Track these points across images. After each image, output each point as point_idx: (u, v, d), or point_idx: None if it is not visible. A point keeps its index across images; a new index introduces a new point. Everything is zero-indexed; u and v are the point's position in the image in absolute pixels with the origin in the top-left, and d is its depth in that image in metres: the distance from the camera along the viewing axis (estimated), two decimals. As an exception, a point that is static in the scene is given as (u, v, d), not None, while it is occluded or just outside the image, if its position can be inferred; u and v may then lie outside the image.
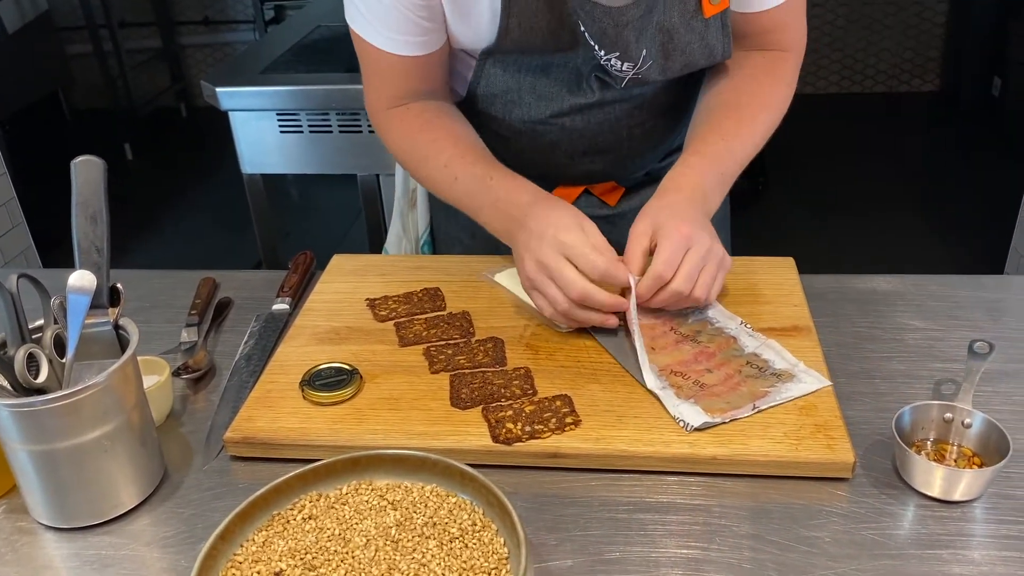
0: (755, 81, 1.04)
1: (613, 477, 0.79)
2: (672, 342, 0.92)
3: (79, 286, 0.74)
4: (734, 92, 1.04)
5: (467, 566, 0.66)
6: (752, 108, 1.02)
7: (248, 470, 0.83)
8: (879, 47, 4.56)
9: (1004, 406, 0.85)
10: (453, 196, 1.03)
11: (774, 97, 1.05)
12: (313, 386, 0.87)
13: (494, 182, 0.98)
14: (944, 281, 1.07)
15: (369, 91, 1.07)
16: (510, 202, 0.96)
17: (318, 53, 2.40)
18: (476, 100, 1.09)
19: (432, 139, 1.03)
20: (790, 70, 1.07)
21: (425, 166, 1.04)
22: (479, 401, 0.85)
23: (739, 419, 0.81)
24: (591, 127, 1.08)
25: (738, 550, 0.71)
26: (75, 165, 0.78)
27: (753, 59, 1.06)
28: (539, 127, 1.08)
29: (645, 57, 0.97)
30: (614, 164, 1.15)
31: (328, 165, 2.24)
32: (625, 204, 1.20)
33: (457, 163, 1.00)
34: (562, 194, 1.17)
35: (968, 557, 0.70)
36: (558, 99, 1.05)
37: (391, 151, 1.08)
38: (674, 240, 0.88)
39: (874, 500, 0.75)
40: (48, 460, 0.73)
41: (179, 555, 0.73)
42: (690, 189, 0.94)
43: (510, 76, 1.04)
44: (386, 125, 1.07)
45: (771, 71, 1.06)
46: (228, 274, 1.16)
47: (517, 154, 1.13)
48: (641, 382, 0.86)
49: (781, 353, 0.90)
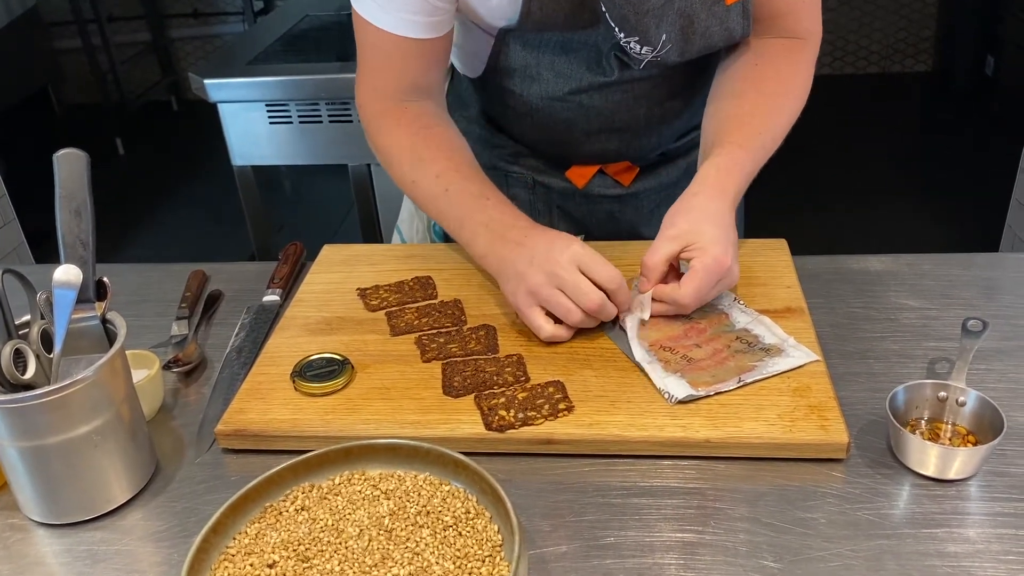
0: (776, 67, 1.02)
1: (607, 462, 0.79)
2: (663, 318, 0.92)
3: (64, 280, 0.73)
4: (757, 79, 1.02)
5: (461, 554, 0.66)
6: (778, 98, 1.01)
7: (240, 462, 0.82)
8: (871, 27, 4.55)
9: (998, 384, 0.85)
10: (436, 207, 1.00)
11: (796, 83, 1.03)
12: (304, 377, 0.86)
13: (490, 203, 0.96)
14: (938, 260, 1.06)
15: (364, 83, 1.05)
16: (505, 224, 0.94)
17: (307, 43, 2.38)
18: (493, 75, 1.07)
19: (427, 146, 1.01)
20: (808, 58, 1.05)
21: (413, 171, 1.01)
22: (471, 389, 0.85)
23: (724, 392, 0.81)
24: (609, 105, 1.07)
25: (733, 533, 0.71)
26: (57, 159, 0.77)
27: (772, 45, 1.04)
28: (556, 104, 1.07)
29: (664, 41, 0.96)
30: (629, 143, 1.14)
31: (319, 156, 2.23)
32: (639, 184, 1.19)
33: (452, 176, 0.99)
34: (577, 172, 1.17)
35: (963, 535, 0.69)
36: (577, 76, 1.04)
37: (377, 148, 1.06)
38: (711, 273, 0.87)
39: (869, 480, 0.75)
40: (38, 456, 0.72)
41: (172, 549, 0.73)
42: (731, 188, 0.92)
43: (529, 52, 1.03)
44: (378, 121, 1.05)
45: (790, 58, 1.04)
46: (218, 266, 1.15)
47: (533, 131, 1.13)
48: (629, 355, 0.86)
49: (772, 328, 0.90)
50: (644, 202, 1.19)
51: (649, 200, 1.19)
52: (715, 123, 1.00)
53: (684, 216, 0.90)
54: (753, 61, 1.03)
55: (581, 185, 1.17)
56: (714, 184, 0.92)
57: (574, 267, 0.87)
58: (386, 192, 2.31)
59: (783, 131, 1.00)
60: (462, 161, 1.01)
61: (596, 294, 0.86)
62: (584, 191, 1.17)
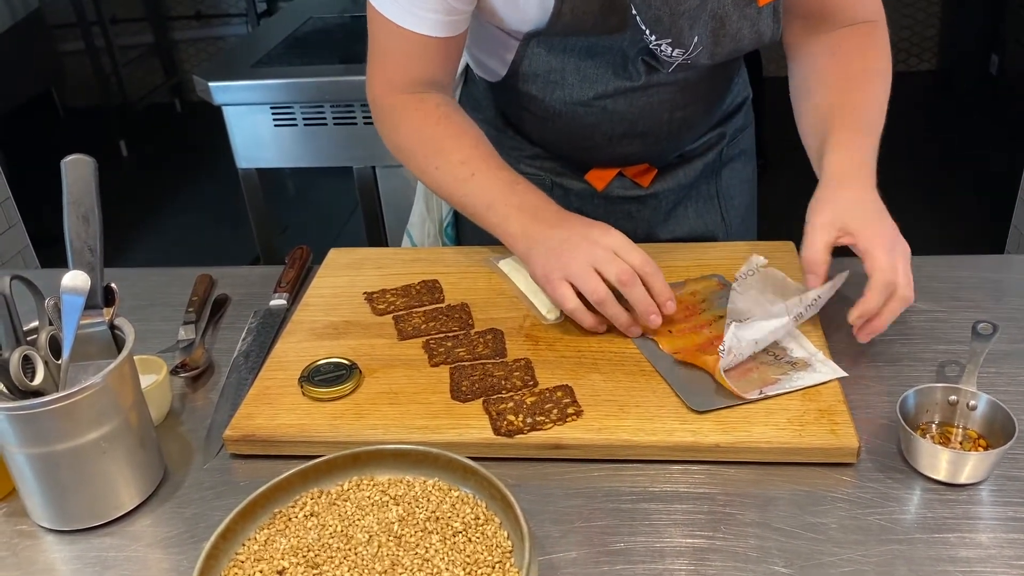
0: (852, 52, 1.01)
1: (616, 467, 0.78)
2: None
3: (73, 287, 0.73)
4: (838, 67, 1.01)
5: (471, 560, 0.66)
6: (866, 75, 1.00)
7: (248, 468, 0.82)
8: (875, 27, 4.53)
9: (1009, 387, 0.85)
10: (462, 191, 1.00)
11: (878, 59, 1.02)
12: (312, 382, 0.86)
13: (521, 187, 0.97)
14: (945, 262, 1.06)
15: (377, 75, 1.04)
16: (539, 207, 0.95)
17: (311, 45, 2.38)
18: (516, 80, 1.07)
19: (451, 134, 1.01)
20: (881, 36, 1.04)
21: (437, 158, 1.01)
22: (480, 393, 0.84)
23: (744, 403, 0.80)
24: (633, 110, 1.06)
25: (743, 538, 0.70)
26: (65, 164, 0.77)
27: (841, 35, 1.03)
28: (580, 109, 1.06)
29: (696, 44, 0.95)
30: (651, 146, 1.13)
31: (323, 158, 2.23)
32: (657, 185, 1.18)
33: (477, 163, 0.99)
34: (596, 175, 1.17)
35: (975, 540, 0.69)
36: (602, 81, 1.03)
37: (392, 137, 1.05)
38: (885, 245, 0.85)
39: (879, 485, 0.75)
40: (47, 463, 0.72)
41: (181, 555, 0.73)
42: (864, 172, 0.91)
43: (554, 57, 1.02)
44: (394, 112, 1.04)
45: (864, 40, 1.03)
46: (224, 271, 1.15)
47: (553, 135, 1.12)
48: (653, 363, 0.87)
49: (800, 340, 0.89)
50: (662, 202, 1.18)
51: (667, 200, 1.19)
52: (814, 119, 0.99)
53: (829, 206, 0.88)
54: (829, 53, 1.02)
55: (601, 188, 1.16)
56: (848, 173, 0.91)
57: (610, 249, 0.88)
58: (391, 195, 2.31)
59: (882, 105, 0.99)
60: (486, 149, 1.01)
61: (628, 270, 0.87)
62: (603, 193, 1.17)
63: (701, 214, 1.22)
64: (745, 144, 1.24)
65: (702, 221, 1.22)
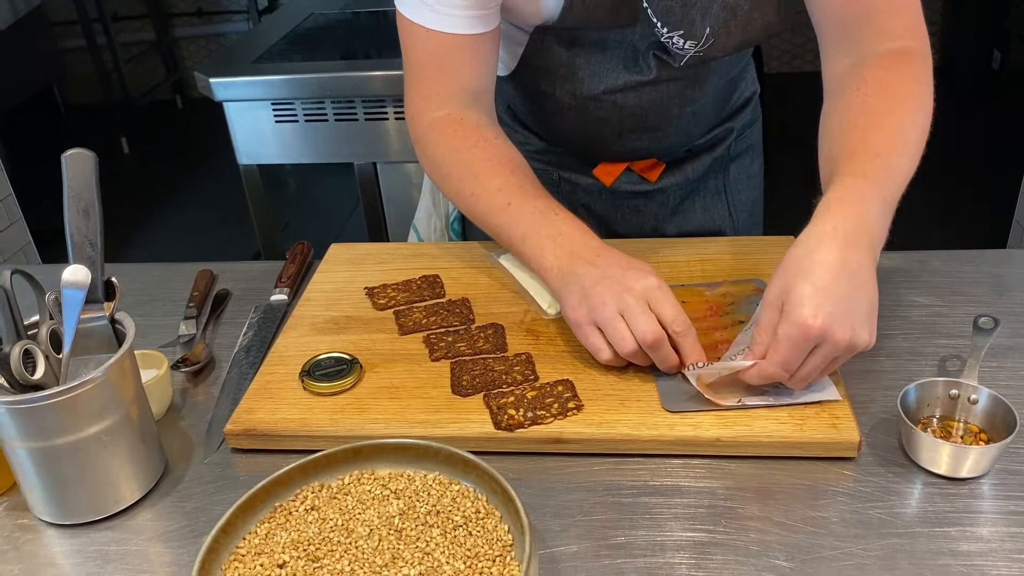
0: (882, 86, 0.89)
1: (617, 461, 0.78)
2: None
3: (73, 281, 0.73)
4: (864, 104, 0.88)
5: (471, 554, 0.66)
6: (893, 114, 0.87)
7: (249, 462, 0.82)
8: (877, 23, 4.52)
9: (1010, 381, 0.85)
10: (497, 220, 0.95)
11: (911, 95, 0.89)
12: (313, 376, 0.86)
13: (559, 217, 0.92)
14: (947, 256, 1.06)
15: (414, 94, 1.01)
16: (575, 240, 0.89)
17: (312, 41, 2.38)
18: (524, 73, 1.06)
19: (487, 158, 0.97)
20: (918, 66, 0.91)
21: (473, 183, 0.97)
22: (480, 388, 0.84)
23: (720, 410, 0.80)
24: (642, 104, 1.06)
25: (744, 532, 0.70)
26: (66, 159, 0.77)
27: (872, 68, 0.90)
28: (590, 103, 1.06)
29: (708, 35, 0.94)
30: (660, 141, 1.13)
31: (324, 154, 2.23)
32: (665, 180, 1.18)
33: (513, 191, 0.94)
34: (604, 170, 1.16)
35: (976, 534, 0.69)
36: (613, 75, 1.03)
37: (428, 157, 1.02)
38: (793, 341, 0.73)
39: (880, 479, 0.75)
40: (47, 457, 0.72)
41: (182, 549, 0.73)
42: (846, 226, 0.76)
43: (564, 51, 1.02)
44: (431, 133, 1.00)
45: (896, 71, 0.90)
46: (225, 266, 1.15)
47: (562, 129, 1.12)
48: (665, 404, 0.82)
49: None
50: (670, 197, 1.18)
51: (674, 195, 1.19)
52: (827, 163, 0.88)
53: (780, 272, 0.77)
54: (855, 88, 0.90)
55: (609, 183, 1.16)
56: (822, 229, 0.76)
57: (643, 299, 0.82)
58: (392, 191, 2.31)
59: (912, 147, 0.86)
60: (524, 176, 0.97)
61: (655, 330, 0.80)
62: (611, 188, 1.17)
63: (708, 209, 1.22)
64: (753, 139, 1.24)
65: (709, 216, 1.22)
